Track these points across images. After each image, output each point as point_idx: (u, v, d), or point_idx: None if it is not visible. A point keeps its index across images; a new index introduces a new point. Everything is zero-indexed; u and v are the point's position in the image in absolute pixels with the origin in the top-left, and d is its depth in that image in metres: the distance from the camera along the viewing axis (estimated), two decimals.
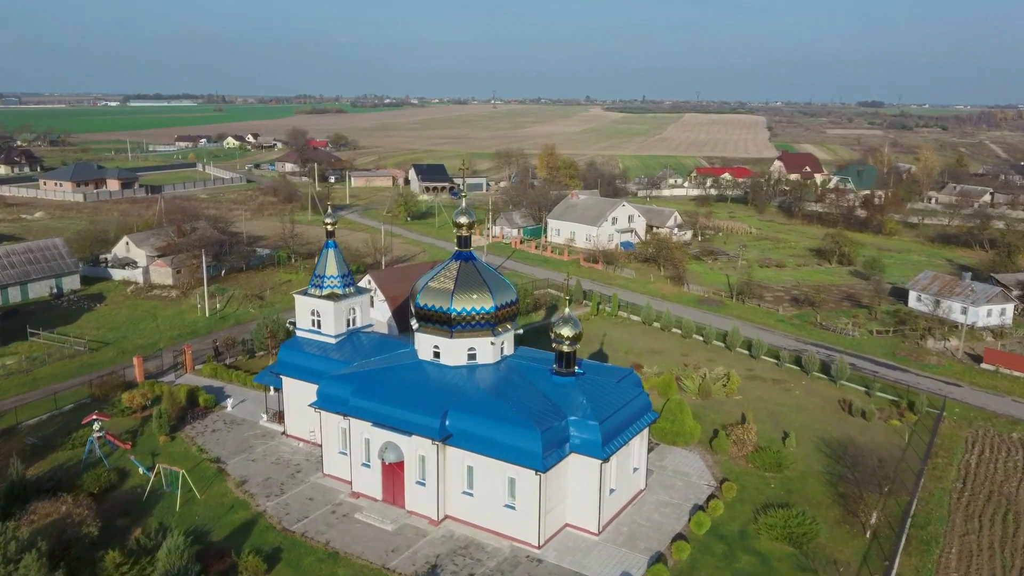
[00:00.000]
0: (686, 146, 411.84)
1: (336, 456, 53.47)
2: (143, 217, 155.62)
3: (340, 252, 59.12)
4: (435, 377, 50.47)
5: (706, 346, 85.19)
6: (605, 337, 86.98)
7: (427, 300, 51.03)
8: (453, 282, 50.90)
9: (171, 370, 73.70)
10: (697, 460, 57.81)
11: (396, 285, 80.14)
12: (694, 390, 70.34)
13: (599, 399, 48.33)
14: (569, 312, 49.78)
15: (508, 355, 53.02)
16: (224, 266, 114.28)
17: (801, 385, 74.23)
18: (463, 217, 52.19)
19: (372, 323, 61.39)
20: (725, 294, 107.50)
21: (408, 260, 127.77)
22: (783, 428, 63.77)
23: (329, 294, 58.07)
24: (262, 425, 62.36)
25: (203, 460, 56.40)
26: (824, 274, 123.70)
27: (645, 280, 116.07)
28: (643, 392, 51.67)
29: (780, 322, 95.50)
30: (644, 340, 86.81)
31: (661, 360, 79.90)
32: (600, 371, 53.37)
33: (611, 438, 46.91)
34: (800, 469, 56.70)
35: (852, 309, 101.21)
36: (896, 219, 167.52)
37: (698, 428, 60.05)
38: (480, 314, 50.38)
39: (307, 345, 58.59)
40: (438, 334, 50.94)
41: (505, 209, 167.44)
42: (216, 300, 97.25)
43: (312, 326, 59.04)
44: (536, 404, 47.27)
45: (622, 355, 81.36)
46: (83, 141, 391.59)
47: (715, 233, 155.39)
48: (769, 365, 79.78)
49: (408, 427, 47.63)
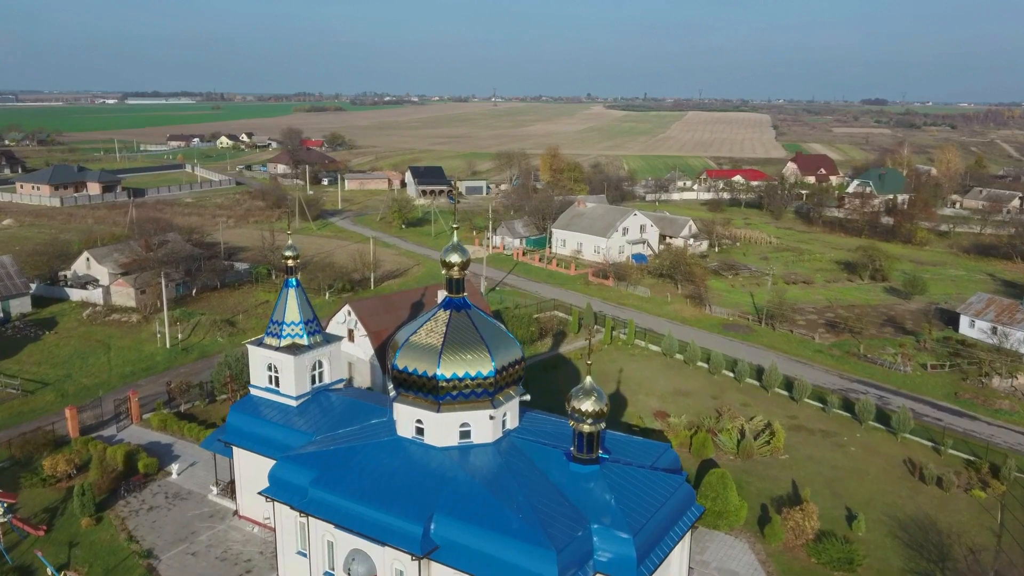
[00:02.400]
0: (692, 146, 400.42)
1: (294, 557, 42.32)
2: (120, 225, 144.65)
3: (303, 293, 47.86)
4: (418, 464, 39.24)
5: (738, 384, 73.94)
6: (622, 373, 75.75)
7: (408, 362, 39.81)
8: (441, 339, 39.67)
9: (113, 420, 62.47)
10: (746, 552, 46.56)
11: (380, 317, 68.90)
12: (732, 447, 59.09)
13: (631, 497, 37.08)
14: (591, 382, 38.49)
15: (512, 429, 41.77)
16: (196, 284, 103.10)
17: (856, 439, 62.96)
18: (454, 255, 40.93)
19: (343, 379, 50.17)
20: (752, 318, 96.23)
21: (400, 275, 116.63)
22: (845, 502, 52.53)
23: (289, 345, 46.84)
24: (211, 500, 51.13)
25: (130, 554, 45.18)
26: (857, 292, 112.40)
27: (661, 300, 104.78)
28: (685, 483, 40.38)
29: (817, 353, 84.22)
30: (666, 377, 75.56)
31: (689, 405, 68.66)
32: (628, 448, 42.11)
33: (647, 552, 35.68)
34: (876, 567, 45.42)
35: (897, 337, 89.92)
36: (925, 227, 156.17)
37: (745, 507, 48.84)
38: (476, 380, 39.17)
39: (263, 408, 47.38)
40: (422, 405, 39.72)
41: (506, 216, 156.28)
42: (180, 327, 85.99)
43: (269, 383, 47.83)
44: (549, 506, 36.05)
45: (643, 398, 70.13)
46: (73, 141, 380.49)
47: (733, 243, 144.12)
48: (814, 411, 68.54)
49: (381, 535, 36.43)
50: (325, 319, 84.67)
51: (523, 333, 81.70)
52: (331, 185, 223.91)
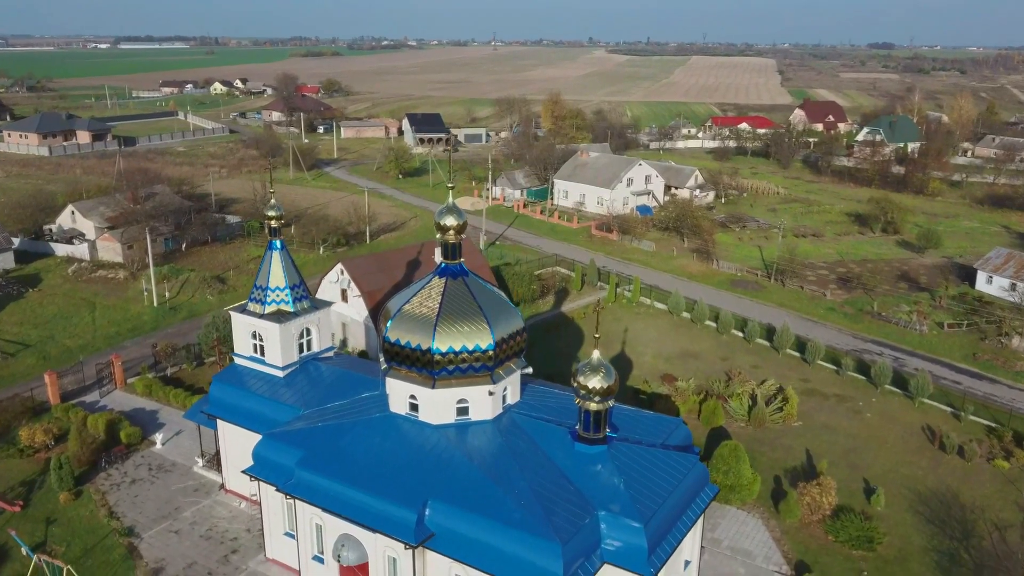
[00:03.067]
0: (696, 92, 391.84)
1: (281, 538, 39.89)
2: (108, 176, 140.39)
3: (289, 256, 44.54)
4: (411, 443, 36.45)
5: (748, 345, 71.07)
6: (627, 334, 72.86)
7: (400, 334, 36.70)
8: (436, 309, 36.50)
9: (96, 385, 59.73)
10: (759, 529, 44.15)
11: (375, 277, 65.69)
12: (743, 415, 56.42)
13: (641, 480, 34.35)
14: (599, 357, 35.40)
15: (512, 405, 38.87)
16: (185, 239, 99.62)
17: (872, 404, 60.28)
18: (449, 218, 37.48)
19: (333, 347, 47.16)
20: (761, 273, 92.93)
21: (397, 228, 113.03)
22: (862, 474, 50.02)
23: (274, 312, 43.71)
24: (196, 472, 48.64)
25: (110, 532, 42.80)
26: (869, 245, 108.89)
27: (667, 255, 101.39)
28: (699, 462, 37.61)
29: (830, 311, 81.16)
30: (673, 337, 72.66)
31: (697, 367, 65.88)
32: (637, 424, 39.26)
33: (659, 541, 33.09)
34: (896, 545, 43.04)
35: (911, 294, 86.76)
36: (938, 177, 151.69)
37: (758, 480, 46.28)
38: (474, 354, 36.13)
39: (247, 378, 44.48)
40: (415, 381, 36.74)
41: (506, 166, 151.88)
42: (168, 285, 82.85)
43: (254, 352, 44.85)
44: (553, 492, 33.34)
45: (649, 360, 67.33)
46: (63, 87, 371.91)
47: (739, 195, 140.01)
48: (827, 373, 65.76)
49: (372, 521, 33.82)
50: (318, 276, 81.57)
51: (524, 291, 78.63)
52: (327, 133, 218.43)
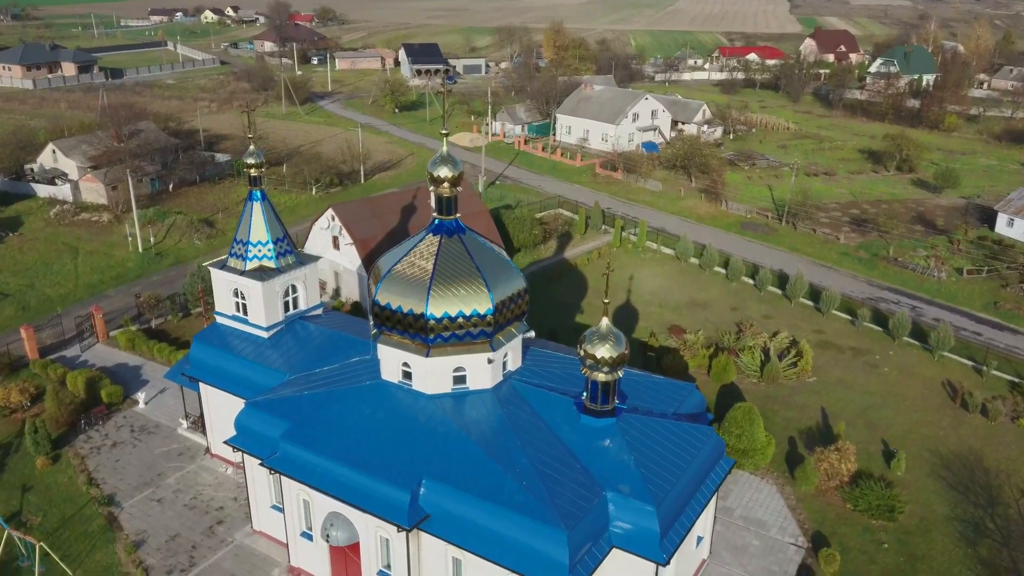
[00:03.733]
0: (702, 20, 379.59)
1: (268, 511, 37.63)
2: (93, 111, 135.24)
3: (271, 207, 41.08)
4: (405, 415, 33.72)
5: (759, 294, 68.08)
6: (632, 281, 69.81)
7: (390, 297, 33.60)
8: (430, 270, 33.30)
9: (76, 339, 56.97)
10: (774, 496, 41.90)
11: (367, 223, 62.29)
12: (755, 370, 53.77)
13: (653, 456, 31.74)
14: (608, 324, 32.35)
15: (513, 372, 36.02)
16: (172, 179, 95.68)
17: (889, 358, 57.59)
18: (443, 168, 33.90)
19: (322, 304, 44.10)
20: (772, 215, 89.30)
21: (393, 166, 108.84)
22: (881, 435, 47.61)
23: (256, 269, 40.50)
24: (181, 435, 46.24)
25: (89, 501, 40.57)
26: (883, 185, 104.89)
27: (674, 195, 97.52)
28: (713, 434, 34.94)
29: (843, 256, 77.89)
30: (681, 285, 69.62)
31: (706, 318, 63.03)
32: (647, 390, 36.51)
33: (672, 522, 30.67)
34: (918, 513, 40.80)
35: (928, 238, 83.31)
36: (954, 111, 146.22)
37: (772, 444, 43.83)
38: (472, 320, 33.10)
39: (230, 339, 41.57)
40: (408, 348, 33.79)
41: (507, 100, 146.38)
42: (153, 229, 79.40)
43: (236, 311, 41.85)
44: (558, 470, 30.77)
45: (656, 310, 64.44)
46: (49, 15, 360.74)
47: (748, 130, 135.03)
48: (842, 324, 62.93)
49: (363, 501, 31.35)
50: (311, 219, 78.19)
51: (525, 237, 75.27)
52: (320, 65, 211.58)
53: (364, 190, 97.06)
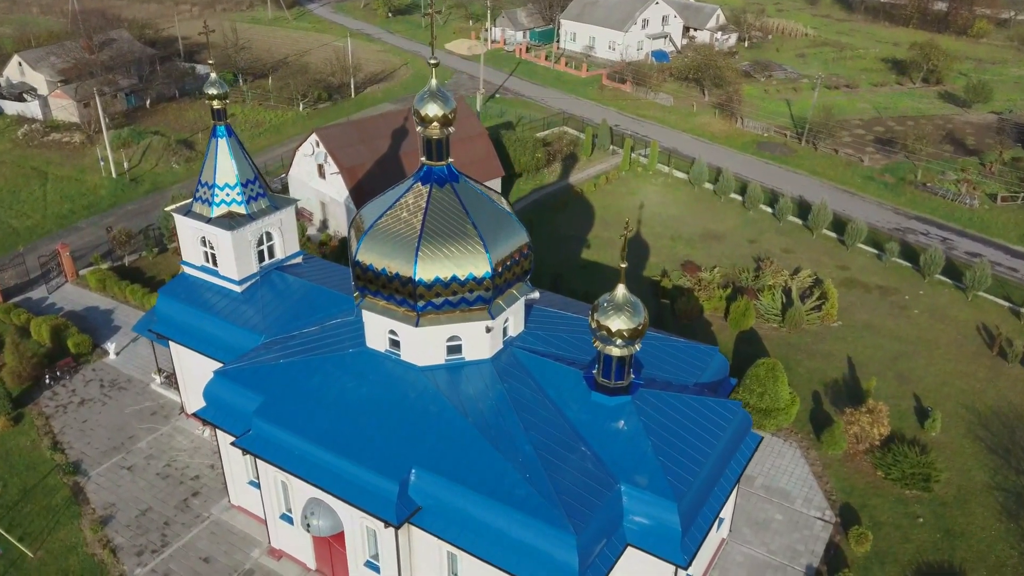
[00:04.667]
0: None
1: (245, 487, 34.31)
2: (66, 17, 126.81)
3: (239, 144, 36.10)
4: (392, 390, 29.82)
5: (778, 224, 63.40)
6: (643, 210, 65.05)
7: (373, 258, 29.16)
8: (418, 227, 28.75)
9: (43, 279, 52.75)
10: (798, 462, 38.55)
11: (354, 149, 57.12)
12: (776, 314, 49.73)
13: (675, 441, 28.01)
14: (624, 292, 28.00)
15: (515, 337, 31.93)
16: (149, 94, 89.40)
17: (919, 298, 53.46)
18: (432, 106, 28.77)
19: (301, 252, 39.58)
20: (791, 134, 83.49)
21: (385, 79, 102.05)
22: (912, 388, 43.99)
23: (224, 215, 35.87)
24: (154, 391, 42.67)
25: (53, 469, 37.28)
26: (909, 98, 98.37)
27: (686, 110, 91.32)
28: (739, 408, 31.08)
29: (868, 181, 72.73)
30: (695, 214, 64.86)
31: (722, 253, 58.62)
32: (664, 355, 32.56)
33: (694, 516, 27.21)
34: (955, 482, 37.49)
35: (958, 159, 77.83)
36: (984, 15, 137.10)
37: (797, 402, 40.20)
38: (467, 285, 28.77)
39: (199, 293, 37.34)
40: (395, 316, 29.59)
41: (507, 3, 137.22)
42: (128, 152, 73.98)
43: (205, 261, 37.47)
44: (565, 459, 27.09)
45: (667, 243, 59.94)
46: None
47: (764, 37, 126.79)
48: (868, 259, 58.54)
49: (346, 492, 27.82)
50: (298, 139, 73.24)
51: (527, 160, 70.00)
52: None
53: (356, 105, 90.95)
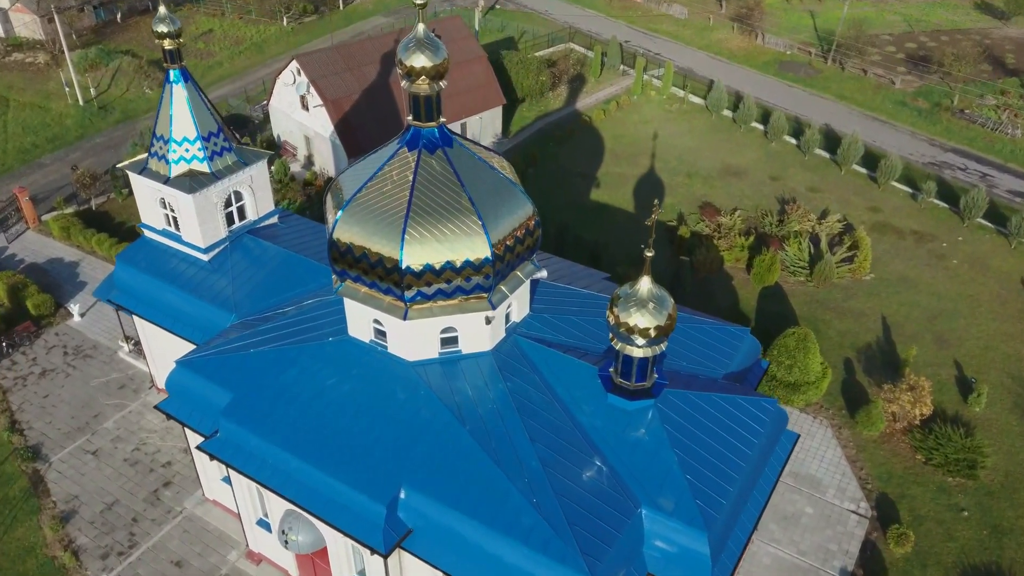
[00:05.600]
0: None
1: (219, 483, 30.94)
2: None
3: (198, 91, 31.06)
4: (378, 389, 25.94)
5: (803, 158, 58.32)
6: (656, 141, 59.84)
7: (353, 236, 24.74)
8: (404, 203, 24.22)
9: (1, 226, 48.28)
10: (830, 443, 35.10)
11: (340, 79, 51.63)
12: (803, 265, 45.46)
13: (703, 453, 24.32)
14: (649, 286, 23.64)
15: (518, 323, 27.84)
16: (120, 6, 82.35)
17: (958, 245, 49.08)
18: (419, 56, 23.72)
19: (278, 210, 34.99)
20: (815, 52, 77.02)
21: None
22: (953, 354, 40.19)
23: (184, 175, 31.19)
24: (122, 360, 38.93)
25: (11, 455, 33.90)
26: (942, 9, 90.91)
27: (702, 24, 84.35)
28: (775, 405, 27.24)
29: (900, 107, 67.02)
30: (713, 146, 59.66)
31: (743, 192, 53.87)
32: (689, 339, 28.57)
33: (725, 540, 23.78)
34: (1002, 467, 34.06)
35: (998, 80, 71.79)
36: None
37: (829, 374, 36.50)
38: (463, 271, 24.47)
39: (162, 260, 33.07)
40: (381, 306, 25.40)
41: None
42: (96, 75, 68.04)
43: (167, 225, 33.04)
44: (577, 477, 23.45)
45: (683, 180, 55.08)
46: None
47: None
48: (901, 199, 53.83)
49: (327, 512, 24.33)
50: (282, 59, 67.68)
51: (531, 84, 64.28)
52: None
53: (344, 18, 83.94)
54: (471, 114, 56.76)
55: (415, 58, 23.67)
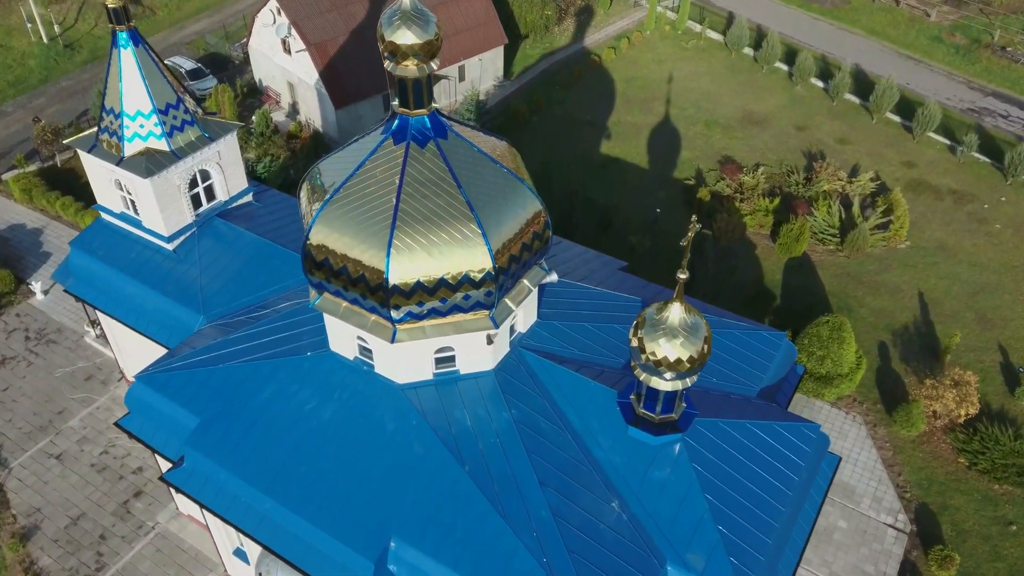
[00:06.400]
0: None
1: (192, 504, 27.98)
2: None
3: (151, 55, 26.66)
4: (363, 417, 22.63)
5: (831, 104, 53.64)
6: (671, 84, 55.01)
7: (331, 244, 20.93)
8: (391, 208, 20.33)
9: None
10: (864, 443, 32.10)
11: (324, 20, 46.65)
12: (833, 229, 41.58)
13: (737, 498, 21.19)
14: (682, 312, 19.92)
15: (524, 335, 24.30)
16: None
17: (1001, 207, 45.05)
18: (405, 32, 19.39)
19: (251, 188, 30.93)
20: None
21: None
22: (997, 336, 36.79)
23: (140, 154, 27.10)
24: (88, 345, 35.61)
25: None
26: None
27: None
28: (817, 429, 23.95)
29: (935, 44, 61.68)
30: (733, 90, 54.85)
31: (766, 143, 49.52)
32: (718, 348, 25.12)
33: None
34: None
35: None
36: None
37: (864, 364, 33.21)
38: (461, 286, 20.79)
39: (122, 248, 29.34)
40: (365, 326, 21.77)
41: None
42: (60, 8, 62.43)
43: (125, 208, 29.18)
44: (594, 529, 20.39)
45: (701, 130, 50.63)
46: None
47: None
48: (938, 152, 49.50)
49: (306, 563, 21.38)
50: None
51: (535, 19, 58.90)
52: None
53: None
54: (470, 55, 51.85)
55: (401, 34, 19.42)
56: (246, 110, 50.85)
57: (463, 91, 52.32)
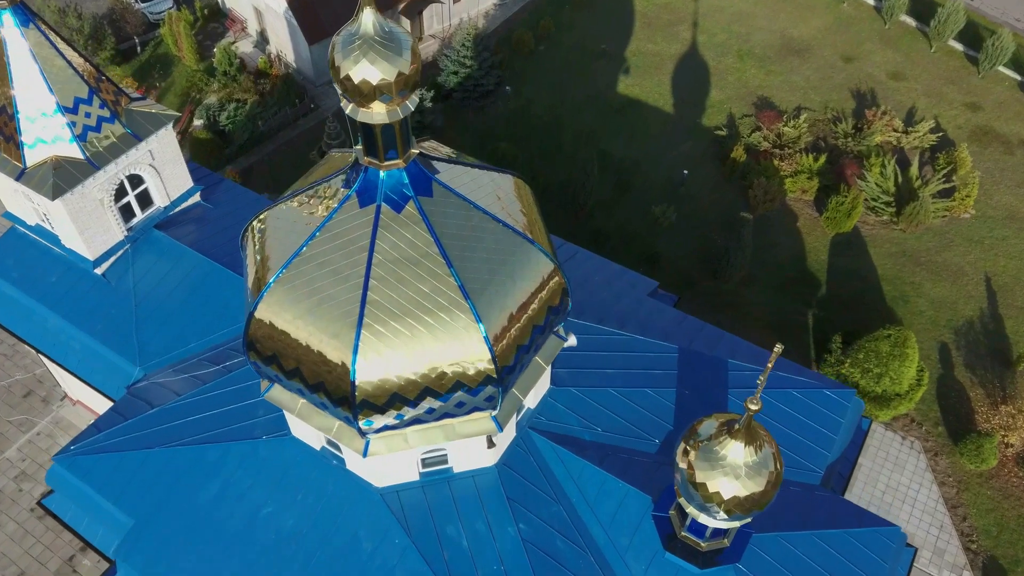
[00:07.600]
0: None
1: None
2: None
3: (47, 36, 20.44)
4: (334, 530, 18.10)
5: (884, 28, 46.47)
6: (698, 6, 47.59)
7: (273, 332, 15.71)
8: (359, 289, 14.99)
9: None
10: (923, 477, 27.86)
11: None
12: (888, 192, 35.83)
13: None
14: (744, 449, 14.94)
15: (533, 411, 19.41)
16: None
17: None
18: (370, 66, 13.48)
19: (198, 187, 25.12)
20: None
21: None
22: None
23: (45, 163, 21.34)
24: (27, 352, 30.74)
25: None
26: None
27: None
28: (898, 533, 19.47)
29: None
30: (769, 13, 47.45)
31: (807, 80, 42.95)
32: (779, 417, 20.33)
33: None
34: None
35: None
36: None
37: (925, 380, 28.53)
38: (452, 396, 15.72)
39: (39, 266, 24.03)
40: (328, 427, 16.88)
41: None
42: None
43: (40, 220, 23.67)
44: None
45: (733, 63, 43.90)
46: None
47: None
48: (1007, 89, 42.94)
49: None
50: None
51: None
52: None
53: None
54: None
55: (362, 69, 13.51)
56: (208, 38, 44.04)
57: (458, 14, 45.18)
